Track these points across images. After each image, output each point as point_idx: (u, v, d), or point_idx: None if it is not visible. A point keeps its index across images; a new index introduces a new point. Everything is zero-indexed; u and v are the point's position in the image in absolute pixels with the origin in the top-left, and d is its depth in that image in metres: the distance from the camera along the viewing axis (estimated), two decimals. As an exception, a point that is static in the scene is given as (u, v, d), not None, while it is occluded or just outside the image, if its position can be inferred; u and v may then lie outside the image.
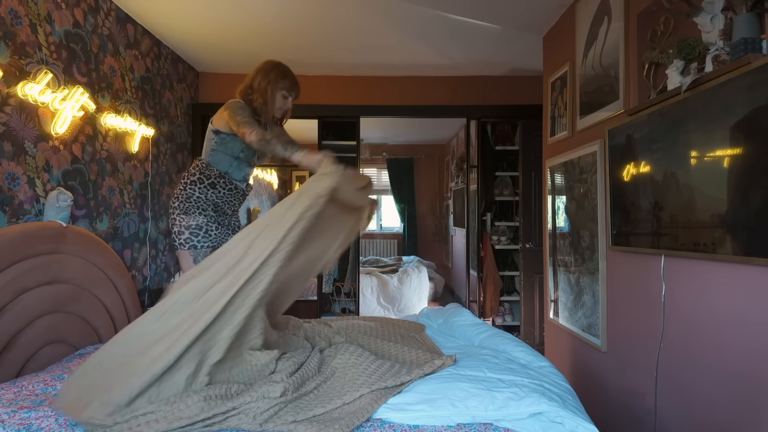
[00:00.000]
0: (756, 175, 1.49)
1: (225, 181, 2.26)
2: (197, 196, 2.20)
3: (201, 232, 2.19)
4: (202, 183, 2.21)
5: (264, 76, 2.24)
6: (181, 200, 2.20)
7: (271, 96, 2.24)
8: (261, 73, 2.25)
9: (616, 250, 2.39)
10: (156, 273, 3.62)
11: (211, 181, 2.22)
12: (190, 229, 2.18)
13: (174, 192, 2.26)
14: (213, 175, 2.23)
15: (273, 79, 2.24)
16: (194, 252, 2.18)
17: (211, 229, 2.22)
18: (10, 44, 2.24)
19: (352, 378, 1.67)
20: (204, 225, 2.20)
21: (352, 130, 4.68)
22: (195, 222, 2.18)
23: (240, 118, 2.12)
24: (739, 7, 1.60)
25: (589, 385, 2.75)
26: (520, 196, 4.42)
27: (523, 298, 4.37)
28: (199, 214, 2.20)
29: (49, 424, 1.52)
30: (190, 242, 2.18)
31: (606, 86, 2.50)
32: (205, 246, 2.20)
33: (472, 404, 1.55)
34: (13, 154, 2.26)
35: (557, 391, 1.69)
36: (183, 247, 2.19)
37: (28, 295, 2.19)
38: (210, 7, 3.17)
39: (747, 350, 1.61)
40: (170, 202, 2.25)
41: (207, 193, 2.21)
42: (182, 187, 2.22)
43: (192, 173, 2.24)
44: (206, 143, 2.27)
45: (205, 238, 2.20)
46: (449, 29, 3.50)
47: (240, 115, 2.14)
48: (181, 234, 2.18)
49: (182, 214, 2.18)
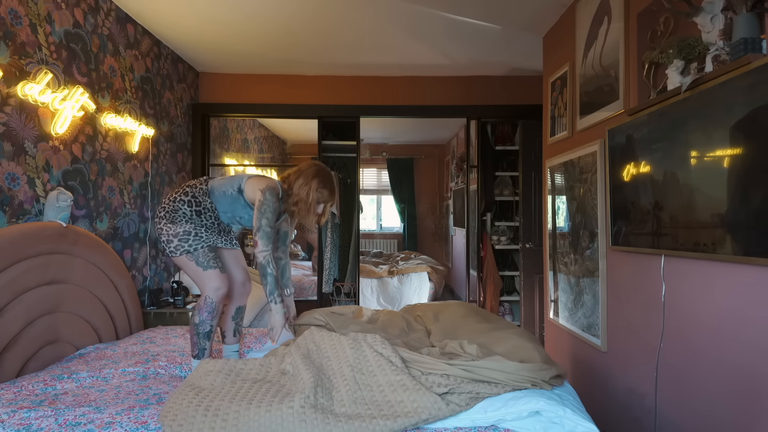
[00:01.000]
0: (756, 175, 1.49)
1: (213, 216, 2.23)
2: (183, 212, 2.16)
3: (190, 237, 2.14)
4: (191, 206, 2.17)
5: (305, 181, 2.20)
6: (167, 211, 2.16)
7: (312, 206, 2.21)
8: (303, 176, 2.21)
9: (616, 250, 2.39)
10: (156, 273, 3.62)
11: (199, 209, 2.19)
12: (178, 237, 2.13)
13: (162, 202, 2.22)
14: (206, 206, 2.20)
15: (314, 187, 2.19)
16: (192, 256, 2.14)
17: (200, 232, 2.17)
18: (10, 44, 2.24)
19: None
20: (192, 230, 2.15)
21: (352, 130, 4.68)
22: (182, 229, 2.14)
23: (265, 224, 2.07)
24: (739, 7, 1.60)
25: (589, 385, 2.75)
26: (520, 196, 4.42)
27: (523, 298, 4.37)
28: (185, 222, 2.15)
29: (48, 424, 1.52)
30: (182, 248, 2.13)
31: (606, 86, 2.50)
32: (199, 246, 2.15)
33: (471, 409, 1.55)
34: (13, 154, 2.26)
35: (557, 391, 1.69)
36: (175, 254, 2.14)
37: (28, 295, 2.19)
38: (210, 6, 3.17)
39: (747, 350, 1.61)
40: (156, 212, 2.20)
41: (191, 215, 2.17)
42: (170, 200, 2.18)
43: (186, 192, 2.19)
44: (226, 184, 2.22)
45: (197, 239, 2.15)
46: (449, 29, 3.50)
47: (267, 219, 2.08)
48: (170, 242, 2.14)
49: (168, 224, 2.14)
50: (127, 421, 1.54)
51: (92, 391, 1.86)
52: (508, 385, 1.63)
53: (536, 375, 1.67)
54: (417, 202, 8.05)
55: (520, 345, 1.91)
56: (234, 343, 2.39)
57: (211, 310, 2.14)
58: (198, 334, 2.12)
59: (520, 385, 1.64)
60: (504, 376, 1.64)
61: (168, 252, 2.16)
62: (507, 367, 1.66)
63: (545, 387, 1.67)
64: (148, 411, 1.61)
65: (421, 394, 1.55)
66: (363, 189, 7.61)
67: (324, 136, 4.73)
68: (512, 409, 1.53)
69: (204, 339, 2.13)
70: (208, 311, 2.13)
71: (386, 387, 1.62)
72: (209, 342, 2.14)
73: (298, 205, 2.21)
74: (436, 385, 1.61)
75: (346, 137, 4.78)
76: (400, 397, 1.57)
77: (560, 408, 1.53)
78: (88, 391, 1.86)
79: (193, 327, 2.13)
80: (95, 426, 1.51)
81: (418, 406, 1.52)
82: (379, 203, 8.41)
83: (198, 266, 2.14)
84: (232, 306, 2.36)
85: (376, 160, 7.94)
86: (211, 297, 2.14)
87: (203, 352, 2.12)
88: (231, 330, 2.37)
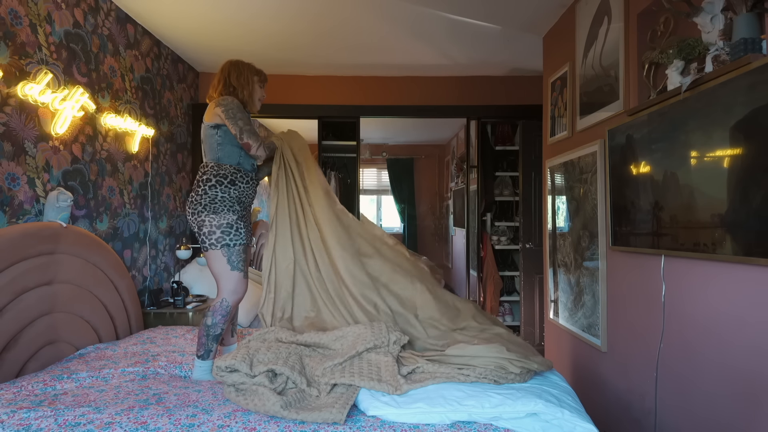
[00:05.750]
0: (756, 175, 1.49)
1: (242, 175, 2.22)
2: (221, 196, 2.14)
3: (232, 230, 2.15)
4: (221, 184, 2.15)
5: (237, 72, 2.32)
6: (206, 202, 2.13)
7: (253, 88, 2.36)
8: (233, 69, 2.33)
9: (616, 250, 2.39)
10: (156, 273, 3.62)
11: (230, 179, 2.18)
12: (221, 228, 2.13)
13: (191, 198, 2.18)
14: (229, 172, 2.18)
15: (247, 73, 2.34)
16: (227, 251, 2.14)
17: (240, 227, 2.18)
18: (10, 44, 2.24)
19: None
20: (234, 223, 2.16)
21: (352, 130, 4.68)
22: (226, 220, 2.14)
23: (242, 124, 2.14)
24: (739, 7, 1.60)
25: (589, 386, 2.75)
26: (520, 196, 4.42)
27: (523, 298, 4.36)
28: (227, 211, 2.15)
29: (48, 424, 1.52)
30: (223, 241, 2.13)
31: (606, 86, 2.50)
32: (237, 243, 2.16)
33: (469, 403, 1.56)
34: (13, 154, 2.26)
35: (555, 391, 1.69)
36: (215, 247, 2.13)
37: (28, 295, 2.19)
38: (210, 7, 3.17)
39: (747, 350, 1.61)
40: (190, 208, 2.16)
41: (230, 191, 2.17)
42: (203, 192, 2.14)
43: (207, 178, 2.16)
44: (208, 143, 2.21)
45: (237, 235, 2.16)
46: (449, 29, 3.50)
47: (241, 119, 2.16)
48: (212, 234, 2.12)
49: (211, 214, 2.12)
50: (127, 421, 1.54)
51: (92, 391, 1.86)
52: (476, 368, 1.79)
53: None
54: (417, 202, 8.05)
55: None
56: (232, 343, 2.40)
57: (225, 313, 2.15)
58: (208, 336, 2.12)
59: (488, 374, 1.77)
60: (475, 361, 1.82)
61: (208, 243, 2.14)
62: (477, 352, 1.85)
63: (514, 378, 1.76)
64: (147, 411, 1.61)
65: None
66: (363, 189, 7.61)
67: (324, 136, 4.73)
68: (509, 408, 1.54)
69: (212, 341, 2.12)
70: (222, 314, 2.14)
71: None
72: (216, 344, 2.14)
73: (247, 90, 2.33)
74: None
75: (346, 137, 4.78)
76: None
77: (558, 410, 1.53)
78: (87, 391, 1.86)
79: (204, 328, 2.13)
80: (95, 426, 1.51)
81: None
82: (379, 203, 8.41)
83: (228, 264, 2.15)
84: None
85: (376, 160, 7.94)
86: (228, 300, 2.15)
87: (209, 354, 2.12)
88: (228, 331, 2.39)
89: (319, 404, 1.62)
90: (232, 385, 1.74)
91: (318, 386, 1.74)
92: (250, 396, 1.64)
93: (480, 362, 1.78)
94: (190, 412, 1.59)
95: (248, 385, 1.71)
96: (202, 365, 2.10)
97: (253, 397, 1.63)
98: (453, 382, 1.72)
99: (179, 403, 1.70)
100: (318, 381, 1.76)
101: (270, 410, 1.56)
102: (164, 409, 1.63)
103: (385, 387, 1.67)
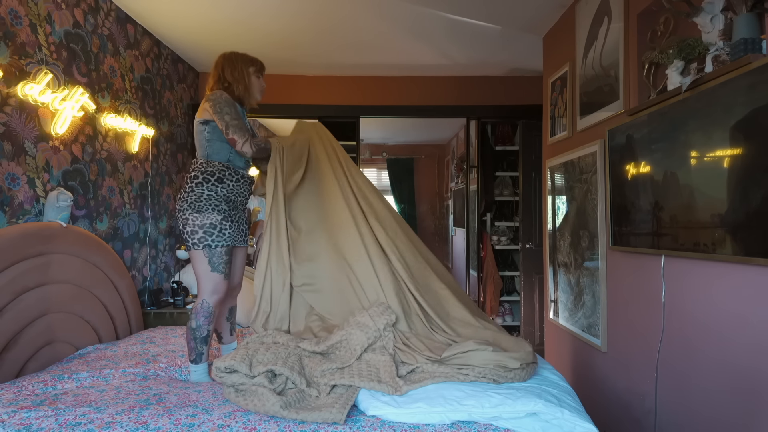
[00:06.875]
0: (756, 175, 1.49)
1: (231, 173, 2.17)
2: (207, 195, 2.11)
3: (215, 231, 2.10)
4: (208, 181, 2.12)
5: (232, 66, 2.25)
6: (192, 200, 2.10)
7: (250, 80, 2.28)
8: (227, 64, 2.26)
9: (616, 250, 2.39)
10: (156, 273, 3.62)
11: (217, 176, 2.13)
12: (204, 228, 2.08)
13: (179, 195, 2.17)
14: (217, 170, 2.14)
15: (242, 65, 2.26)
16: (209, 252, 2.10)
17: (225, 228, 2.12)
18: (10, 44, 2.24)
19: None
20: (218, 223, 2.11)
21: (352, 130, 4.68)
22: (209, 220, 2.09)
23: (229, 119, 2.08)
24: (739, 8, 1.60)
25: (589, 386, 2.75)
26: (520, 196, 4.41)
27: (523, 298, 4.36)
28: (212, 210, 2.10)
29: (49, 424, 1.53)
30: (204, 242, 2.09)
31: (606, 86, 2.50)
32: (220, 245, 2.11)
33: (469, 403, 1.56)
34: (13, 154, 2.26)
35: (555, 391, 1.70)
36: (197, 247, 2.09)
37: (28, 295, 2.19)
38: (210, 6, 3.17)
39: (747, 350, 1.61)
40: (178, 205, 2.15)
41: (216, 190, 2.12)
42: (189, 189, 2.12)
43: (195, 175, 2.13)
44: (198, 140, 2.18)
45: (220, 237, 2.11)
46: (449, 29, 3.50)
47: (228, 114, 2.09)
48: (194, 233, 2.09)
49: (195, 213, 2.09)
50: (127, 421, 1.54)
51: (92, 391, 1.86)
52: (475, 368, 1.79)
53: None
54: (417, 202, 8.05)
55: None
56: (231, 341, 2.39)
57: (207, 314, 2.11)
58: (195, 339, 2.08)
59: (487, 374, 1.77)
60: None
61: (191, 243, 2.11)
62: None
63: (514, 378, 1.77)
64: (148, 411, 1.61)
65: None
66: (363, 189, 7.59)
67: (324, 136, 4.72)
68: (509, 408, 1.54)
69: (201, 344, 2.09)
70: (204, 315, 2.10)
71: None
72: (206, 347, 2.11)
73: (243, 84, 2.25)
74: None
75: (346, 137, 4.77)
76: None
77: (558, 409, 1.53)
78: (88, 391, 1.86)
79: (189, 332, 2.09)
80: (95, 426, 1.51)
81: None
82: (379, 203, 8.40)
83: (209, 264, 2.11)
84: (224, 308, 2.34)
85: (376, 160, 7.94)
86: (208, 301, 2.11)
87: (200, 357, 2.10)
88: (227, 330, 2.38)
89: (319, 404, 1.62)
90: (232, 386, 1.74)
91: (318, 387, 1.74)
92: (249, 396, 1.64)
93: (478, 360, 1.79)
94: (190, 412, 1.60)
95: (248, 386, 1.71)
96: (197, 369, 2.09)
97: (252, 397, 1.63)
98: (453, 382, 1.72)
99: (179, 403, 1.70)
100: (317, 382, 1.76)
101: (270, 410, 1.56)
102: (164, 409, 1.63)
103: (384, 388, 1.67)
